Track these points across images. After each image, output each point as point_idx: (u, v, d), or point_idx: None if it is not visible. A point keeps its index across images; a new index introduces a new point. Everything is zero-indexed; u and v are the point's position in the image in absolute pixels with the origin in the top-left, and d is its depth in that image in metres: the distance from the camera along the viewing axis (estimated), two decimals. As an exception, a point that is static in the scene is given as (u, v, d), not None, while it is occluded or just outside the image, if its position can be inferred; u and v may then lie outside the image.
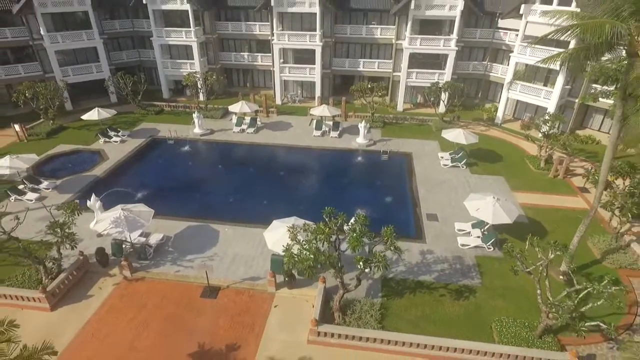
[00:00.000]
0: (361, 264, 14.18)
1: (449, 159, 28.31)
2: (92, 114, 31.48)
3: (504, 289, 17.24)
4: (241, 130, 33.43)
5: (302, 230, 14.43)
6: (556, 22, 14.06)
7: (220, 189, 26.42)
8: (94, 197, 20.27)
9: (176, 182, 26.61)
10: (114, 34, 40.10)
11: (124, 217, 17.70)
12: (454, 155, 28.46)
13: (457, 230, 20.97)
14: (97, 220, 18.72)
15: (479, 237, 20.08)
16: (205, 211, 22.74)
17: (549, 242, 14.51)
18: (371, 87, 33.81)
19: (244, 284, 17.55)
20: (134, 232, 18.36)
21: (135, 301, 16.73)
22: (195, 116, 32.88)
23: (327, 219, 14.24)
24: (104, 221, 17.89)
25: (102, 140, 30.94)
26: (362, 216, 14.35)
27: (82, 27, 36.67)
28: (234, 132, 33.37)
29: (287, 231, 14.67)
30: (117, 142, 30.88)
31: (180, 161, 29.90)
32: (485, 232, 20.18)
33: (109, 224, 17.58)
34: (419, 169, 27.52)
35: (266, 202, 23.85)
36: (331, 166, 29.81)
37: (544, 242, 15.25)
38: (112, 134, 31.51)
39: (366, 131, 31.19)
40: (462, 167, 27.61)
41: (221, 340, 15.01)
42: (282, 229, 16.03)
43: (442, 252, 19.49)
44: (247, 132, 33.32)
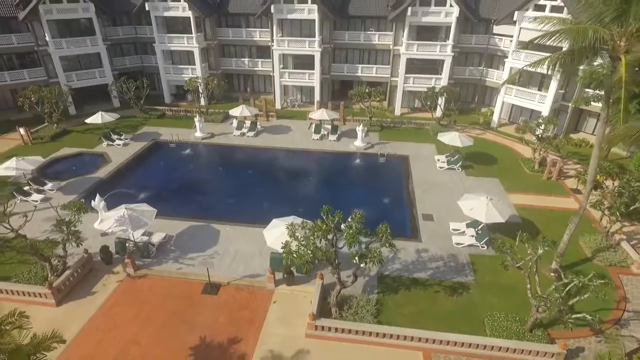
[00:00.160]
0: (357, 259, 14.72)
1: (445, 162, 28.85)
2: (96, 118, 32.31)
3: (497, 286, 17.73)
4: (241, 133, 34.04)
5: (301, 227, 14.97)
6: (544, 28, 14.75)
7: (221, 190, 26.97)
8: (98, 197, 20.71)
9: (178, 184, 27.19)
10: (117, 40, 40.91)
11: (127, 216, 18.27)
12: (450, 157, 29.01)
13: (452, 229, 21.47)
14: (101, 219, 19.24)
15: (473, 236, 20.59)
16: (206, 212, 23.27)
17: (539, 240, 15.04)
18: (369, 91, 34.36)
19: (244, 280, 18.03)
20: (137, 230, 18.91)
21: (138, 297, 17.22)
22: (196, 120, 33.50)
23: (325, 217, 14.78)
24: (108, 219, 18.44)
25: (105, 143, 31.53)
26: (359, 214, 14.83)
27: (86, 33, 37.48)
28: (235, 136, 33.97)
29: (285, 229, 15.16)
30: (120, 146, 31.47)
31: (181, 164, 30.52)
32: (479, 232, 20.71)
33: (113, 222, 18.13)
34: (416, 171, 28.06)
35: (266, 203, 24.36)
36: (329, 168, 30.39)
37: (535, 241, 15.75)
38: (115, 137, 32.13)
39: (364, 134, 31.76)
40: (458, 170, 28.16)
41: (222, 334, 15.46)
42: (281, 227, 16.50)
43: (437, 251, 20.00)
44: (248, 136, 33.93)
